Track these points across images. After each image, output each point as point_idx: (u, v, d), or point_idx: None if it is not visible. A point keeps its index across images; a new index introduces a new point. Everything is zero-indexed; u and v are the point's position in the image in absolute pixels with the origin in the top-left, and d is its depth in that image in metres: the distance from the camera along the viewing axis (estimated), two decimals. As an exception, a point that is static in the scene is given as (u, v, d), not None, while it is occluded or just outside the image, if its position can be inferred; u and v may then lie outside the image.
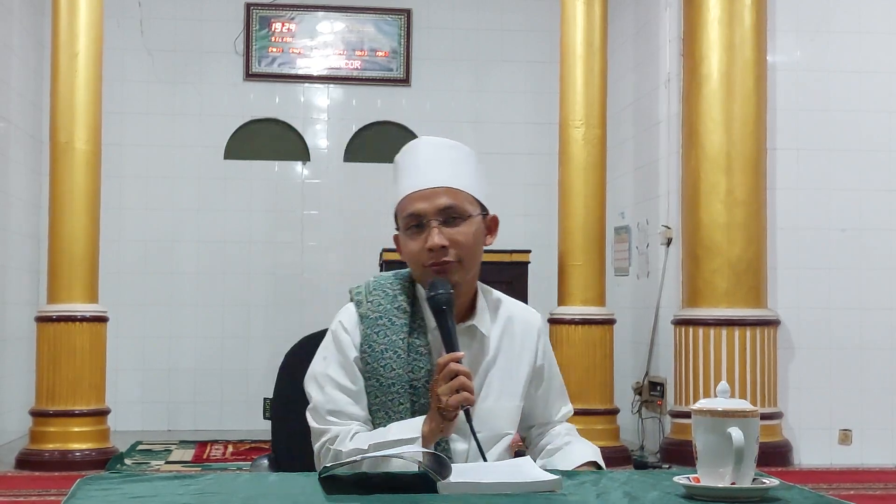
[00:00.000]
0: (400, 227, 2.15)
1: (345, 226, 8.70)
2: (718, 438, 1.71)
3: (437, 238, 2.08)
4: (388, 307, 2.15)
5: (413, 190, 2.12)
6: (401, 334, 2.12)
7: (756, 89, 6.52)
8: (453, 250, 2.10)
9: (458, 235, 2.11)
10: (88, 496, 1.70)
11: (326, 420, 2.11)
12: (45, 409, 6.47)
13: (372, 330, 2.13)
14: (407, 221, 2.12)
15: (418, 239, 2.11)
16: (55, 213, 6.54)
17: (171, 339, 8.48)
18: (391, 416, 2.11)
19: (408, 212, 2.12)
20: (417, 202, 2.11)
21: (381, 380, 2.11)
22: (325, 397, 2.13)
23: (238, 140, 8.68)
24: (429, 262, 2.10)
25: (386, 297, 2.17)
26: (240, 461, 6.80)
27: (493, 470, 1.87)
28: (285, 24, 8.75)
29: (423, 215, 2.10)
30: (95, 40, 6.61)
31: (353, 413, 2.12)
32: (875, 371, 6.73)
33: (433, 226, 2.09)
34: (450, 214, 2.11)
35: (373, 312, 2.15)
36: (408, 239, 2.13)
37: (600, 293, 6.91)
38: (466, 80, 8.87)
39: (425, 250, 2.09)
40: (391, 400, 2.10)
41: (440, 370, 2.00)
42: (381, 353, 2.11)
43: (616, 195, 7.86)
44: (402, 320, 2.14)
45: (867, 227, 6.78)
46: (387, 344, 2.12)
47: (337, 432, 2.09)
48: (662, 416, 7.07)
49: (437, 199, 2.11)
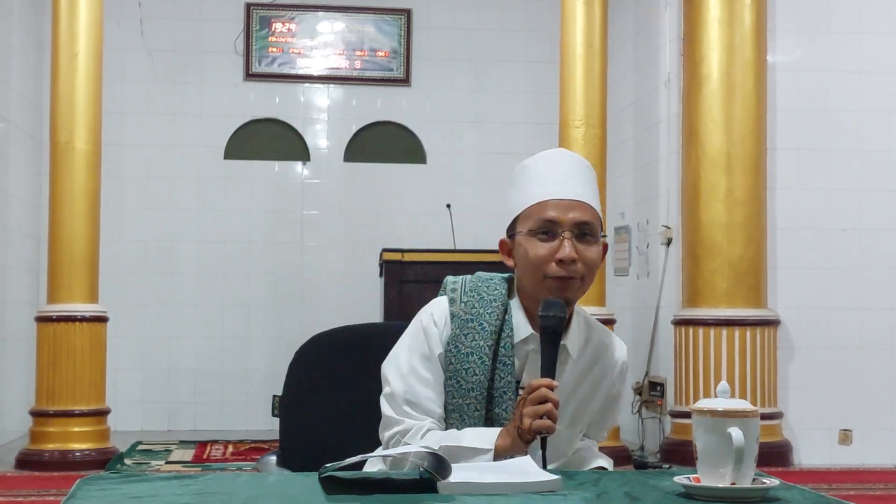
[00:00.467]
0: (523, 230, 2.10)
1: (345, 226, 8.70)
2: (718, 438, 1.71)
3: (570, 250, 2.05)
4: (480, 311, 2.12)
5: (552, 197, 2.09)
6: (489, 340, 2.10)
7: (756, 89, 6.52)
8: (580, 266, 2.07)
9: (589, 253, 2.08)
10: (88, 496, 1.70)
11: (403, 410, 2.10)
12: (45, 409, 6.46)
13: (461, 331, 2.11)
14: (539, 226, 2.08)
15: (547, 246, 2.07)
16: (55, 213, 6.54)
17: (171, 339, 8.48)
18: (464, 420, 2.10)
19: (543, 216, 2.08)
20: (554, 210, 2.08)
21: (461, 382, 2.10)
22: (405, 386, 2.11)
23: (238, 140, 8.68)
24: (555, 273, 2.06)
25: (481, 300, 2.13)
26: (240, 461, 6.80)
27: (493, 470, 1.87)
28: (285, 24, 8.75)
29: (560, 224, 2.07)
30: (95, 40, 6.61)
31: (429, 408, 2.11)
32: (875, 371, 6.72)
33: (567, 237, 2.06)
34: (583, 231, 2.08)
35: (465, 313, 2.12)
36: (535, 243, 2.08)
37: (600, 293, 6.90)
38: (466, 80, 8.87)
39: (552, 259, 2.06)
40: (468, 404, 2.09)
41: (531, 391, 1.98)
42: (465, 356, 2.09)
43: (616, 195, 7.85)
44: (492, 326, 2.11)
45: (867, 227, 6.78)
46: (473, 348, 2.09)
47: (410, 426, 2.08)
48: (662, 416, 7.07)
49: (575, 213, 2.08)
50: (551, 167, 2.15)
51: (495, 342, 2.10)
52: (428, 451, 1.81)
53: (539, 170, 2.14)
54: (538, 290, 2.08)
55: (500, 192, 9.36)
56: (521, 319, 2.13)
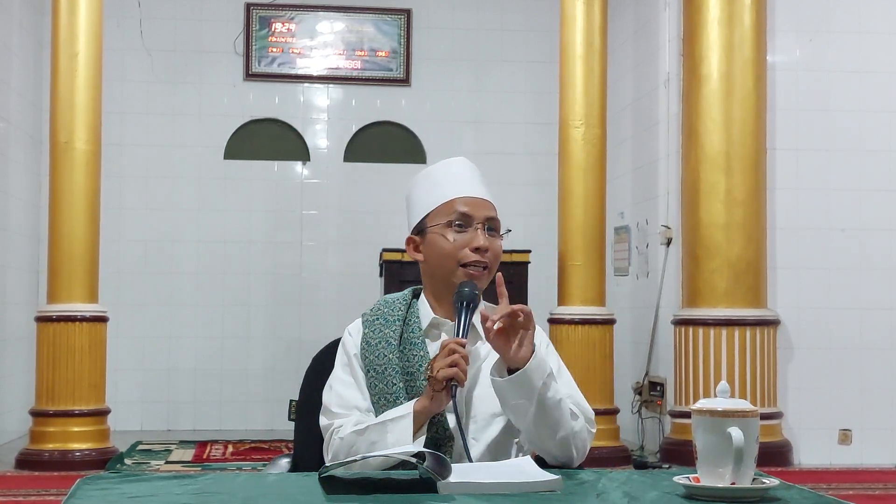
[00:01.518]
0: (438, 223, 2.31)
1: (344, 226, 8.71)
2: (718, 438, 1.71)
3: (484, 240, 2.27)
4: (385, 311, 2.31)
5: (465, 195, 2.32)
6: (394, 328, 2.27)
7: (756, 89, 6.52)
8: (490, 255, 2.28)
9: (496, 245, 2.30)
10: (88, 496, 1.70)
11: (332, 413, 2.23)
12: (44, 409, 6.46)
13: (369, 329, 2.29)
14: (456, 218, 2.29)
15: (463, 236, 2.28)
16: (55, 213, 6.54)
17: (171, 339, 8.48)
18: (389, 402, 2.20)
19: (458, 210, 2.29)
20: (467, 206, 2.30)
21: (377, 368, 2.23)
22: (330, 394, 2.26)
23: (238, 140, 8.68)
24: (469, 260, 2.26)
25: (386, 304, 2.34)
26: (240, 461, 6.80)
27: (493, 470, 1.88)
28: (285, 24, 8.75)
29: (473, 217, 2.29)
30: (95, 40, 6.61)
31: (357, 404, 2.23)
32: (875, 371, 6.72)
33: (480, 228, 2.28)
34: (492, 226, 2.31)
35: (371, 316, 2.31)
36: (451, 233, 2.28)
37: (600, 293, 6.91)
38: (466, 80, 8.87)
39: (467, 248, 2.26)
40: (386, 384, 2.21)
41: (442, 349, 2.11)
42: (375, 346, 2.25)
43: (616, 195, 7.86)
44: (395, 317, 2.29)
45: (867, 227, 6.78)
46: (380, 337, 2.26)
47: (340, 423, 2.20)
48: (662, 416, 7.08)
49: (485, 210, 2.31)
50: (457, 170, 2.39)
51: (401, 327, 2.27)
52: (428, 451, 1.81)
53: (446, 173, 2.39)
54: (451, 278, 2.27)
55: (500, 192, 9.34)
56: (426, 308, 2.32)
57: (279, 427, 7.95)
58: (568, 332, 6.80)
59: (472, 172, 2.40)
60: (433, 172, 2.42)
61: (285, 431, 7.36)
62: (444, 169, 2.41)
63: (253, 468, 6.33)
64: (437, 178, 2.39)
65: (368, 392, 2.24)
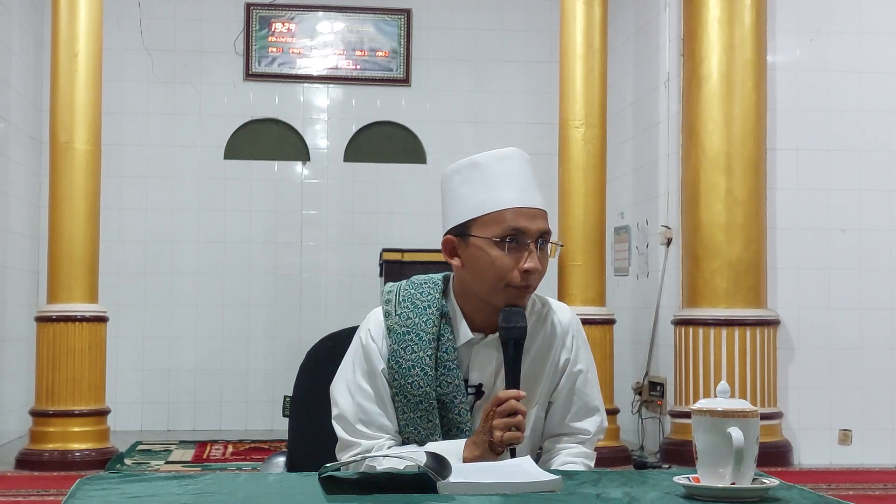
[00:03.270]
0: (484, 235, 2.06)
1: (344, 226, 8.70)
2: (718, 438, 1.71)
3: (535, 262, 2.06)
4: (416, 321, 2.11)
5: (519, 205, 2.07)
6: (428, 350, 2.09)
7: (756, 89, 6.51)
8: (537, 276, 2.09)
9: (545, 261, 2.10)
10: (88, 496, 1.70)
11: (357, 430, 2.10)
12: (44, 409, 6.46)
13: (399, 345, 2.10)
14: (507, 233, 2.05)
15: (513, 256, 2.05)
16: (55, 213, 6.54)
17: (171, 339, 8.48)
18: (419, 432, 2.10)
19: (511, 225, 2.05)
20: (522, 219, 2.07)
21: (408, 397, 2.09)
22: (355, 407, 2.11)
23: (238, 140, 8.68)
24: (519, 283, 2.06)
25: (415, 309, 2.13)
26: (239, 461, 6.80)
27: (493, 470, 1.87)
28: (285, 24, 8.75)
29: (527, 234, 2.06)
30: (95, 40, 6.60)
31: (383, 424, 2.11)
32: (875, 371, 6.72)
33: (532, 248, 2.06)
34: (545, 240, 2.10)
35: (400, 327, 2.12)
36: (499, 251, 2.05)
37: (600, 293, 6.91)
38: (466, 80, 8.87)
39: (517, 269, 2.05)
40: (420, 417, 2.10)
41: (498, 403, 1.99)
42: (408, 370, 2.08)
43: (616, 195, 7.86)
44: (429, 335, 2.10)
45: (867, 227, 6.78)
46: (413, 360, 2.09)
47: (369, 447, 2.08)
48: (662, 416, 7.07)
49: (540, 222, 2.08)
50: (510, 169, 2.12)
51: (435, 349, 2.09)
52: (428, 451, 1.81)
53: (498, 171, 2.12)
54: (494, 296, 2.07)
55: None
56: (460, 323, 2.12)
57: (279, 427, 7.95)
58: (568, 332, 6.79)
59: (527, 172, 2.14)
60: (483, 165, 2.13)
61: (285, 431, 7.34)
62: (496, 164, 2.13)
63: (253, 468, 6.32)
64: (487, 175, 2.11)
65: (395, 413, 2.11)
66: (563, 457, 2.17)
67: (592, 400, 2.23)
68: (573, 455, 2.18)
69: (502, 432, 1.97)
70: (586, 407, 2.22)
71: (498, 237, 2.05)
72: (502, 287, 2.06)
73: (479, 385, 2.13)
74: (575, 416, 2.21)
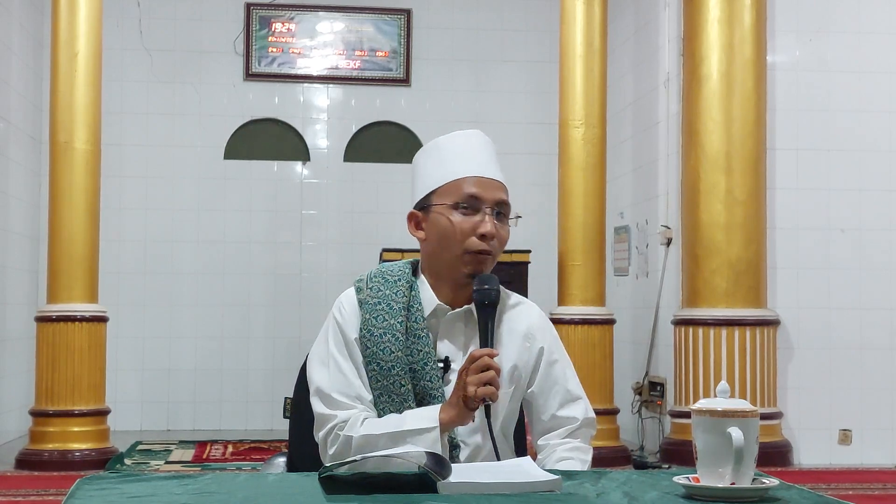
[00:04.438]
0: (444, 203, 2.17)
1: (344, 226, 8.70)
2: (718, 438, 1.71)
3: (492, 226, 2.14)
4: (386, 293, 2.18)
5: (475, 174, 2.18)
6: (399, 318, 2.15)
7: (756, 89, 6.52)
8: (496, 243, 2.17)
9: (503, 232, 2.19)
10: (88, 496, 1.70)
11: (334, 400, 2.12)
12: (44, 409, 6.46)
13: (371, 315, 2.16)
14: (463, 200, 2.16)
15: (470, 220, 2.15)
16: (55, 213, 6.54)
17: (171, 339, 8.48)
18: (394, 400, 2.13)
19: (467, 192, 2.16)
20: (477, 187, 2.16)
21: (381, 363, 2.13)
22: (330, 378, 2.15)
23: (238, 140, 8.68)
24: (476, 248, 2.14)
25: (385, 283, 2.20)
26: (239, 461, 6.81)
27: (492, 470, 1.87)
28: (285, 24, 8.75)
29: (483, 200, 2.16)
30: (95, 40, 6.60)
31: (359, 394, 2.14)
32: (875, 371, 6.73)
33: (489, 213, 2.15)
34: (501, 210, 2.18)
35: (371, 298, 2.18)
36: (457, 216, 2.16)
37: (600, 293, 6.91)
38: (466, 80, 8.87)
39: (474, 233, 2.14)
40: (392, 383, 2.13)
41: (472, 360, 2.03)
42: (379, 337, 2.14)
43: (615, 195, 7.86)
44: (399, 304, 2.16)
45: (867, 227, 6.78)
46: (385, 328, 2.14)
47: (345, 417, 2.10)
48: (662, 416, 7.08)
49: (496, 192, 2.18)
50: (469, 145, 2.22)
51: (406, 318, 2.15)
52: (427, 451, 1.81)
53: (456, 147, 2.22)
54: (456, 265, 2.16)
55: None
56: (428, 294, 2.19)
57: (279, 427, 7.95)
58: (568, 332, 6.80)
59: (486, 149, 2.23)
60: (444, 144, 2.24)
61: (285, 431, 7.34)
62: (456, 142, 2.24)
63: (252, 468, 6.32)
64: (447, 152, 2.22)
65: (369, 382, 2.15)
66: (559, 453, 2.20)
67: (574, 388, 2.27)
68: (568, 451, 2.21)
69: (476, 387, 2.01)
70: (569, 395, 2.26)
71: (456, 202, 2.16)
72: (461, 254, 2.15)
73: (446, 358, 2.18)
74: (560, 407, 2.25)
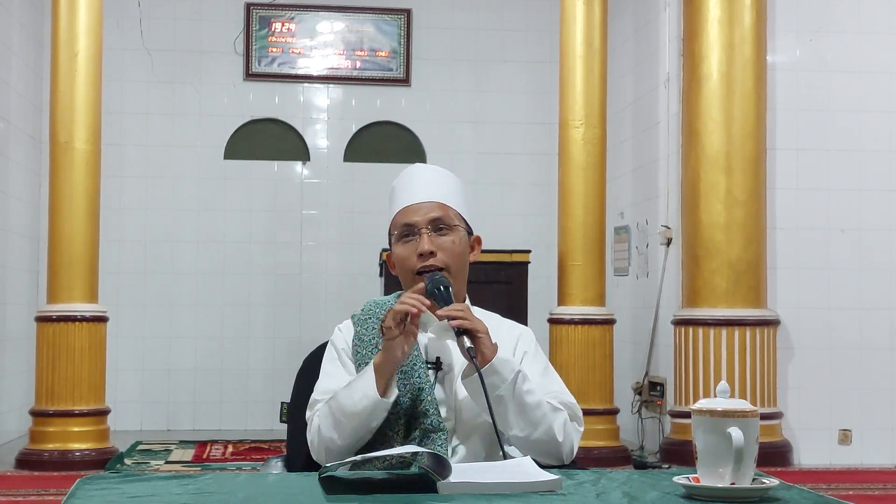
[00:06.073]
0: (393, 239, 2.34)
1: (344, 226, 8.70)
2: (718, 438, 1.71)
3: (427, 244, 2.27)
4: (376, 311, 2.33)
5: (407, 204, 2.32)
6: None
7: (756, 89, 6.52)
8: (441, 256, 2.28)
9: (446, 243, 2.30)
10: (88, 496, 1.70)
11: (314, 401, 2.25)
12: (44, 409, 6.46)
13: (362, 328, 2.32)
14: (400, 231, 2.31)
15: (409, 246, 2.30)
16: (55, 213, 6.54)
17: (171, 339, 8.48)
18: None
19: (402, 223, 2.31)
20: (411, 215, 2.31)
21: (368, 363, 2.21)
22: (317, 386, 2.28)
23: (238, 140, 8.68)
24: (418, 267, 2.27)
25: (376, 304, 2.36)
26: (239, 461, 6.81)
27: (492, 470, 1.88)
28: (285, 24, 8.75)
29: (415, 225, 2.30)
30: (95, 40, 6.60)
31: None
32: (875, 371, 6.73)
33: (424, 233, 2.29)
34: (438, 225, 2.30)
35: (363, 315, 2.34)
36: (401, 246, 2.31)
37: (600, 293, 6.91)
38: (466, 80, 8.87)
39: (415, 255, 2.28)
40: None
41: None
42: (368, 342, 2.28)
43: (616, 195, 7.86)
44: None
45: (867, 227, 6.78)
46: (374, 334, 2.28)
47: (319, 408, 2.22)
48: (662, 416, 7.08)
49: (429, 212, 2.31)
50: (408, 179, 2.38)
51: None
52: (428, 451, 1.81)
53: (401, 185, 2.38)
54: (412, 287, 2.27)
55: (499, 191, 9.36)
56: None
57: (279, 427, 7.94)
58: (568, 332, 6.80)
59: (420, 176, 2.38)
60: (394, 187, 2.41)
61: (285, 432, 7.35)
62: (399, 181, 2.40)
63: (252, 468, 6.33)
64: (393, 192, 2.39)
65: None
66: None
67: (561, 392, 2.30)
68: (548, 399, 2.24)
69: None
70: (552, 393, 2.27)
71: (398, 234, 2.33)
72: (413, 278, 2.28)
73: (437, 358, 2.28)
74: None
